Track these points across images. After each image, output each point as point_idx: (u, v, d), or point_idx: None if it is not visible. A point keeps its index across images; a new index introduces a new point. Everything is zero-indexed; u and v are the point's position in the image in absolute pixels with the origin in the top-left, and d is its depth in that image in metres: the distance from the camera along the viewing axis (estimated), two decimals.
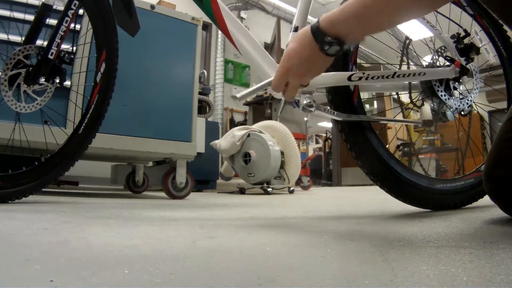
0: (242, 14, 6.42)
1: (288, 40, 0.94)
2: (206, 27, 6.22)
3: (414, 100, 1.12)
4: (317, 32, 0.68)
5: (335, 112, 1.03)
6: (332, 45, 0.68)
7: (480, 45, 1.19)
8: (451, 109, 1.09)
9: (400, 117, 2.43)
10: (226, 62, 6.33)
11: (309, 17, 1.03)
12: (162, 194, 2.23)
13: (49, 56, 1.17)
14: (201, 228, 0.79)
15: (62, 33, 1.18)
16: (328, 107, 1.04)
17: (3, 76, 1.12)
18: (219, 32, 6.19)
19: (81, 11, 1.65)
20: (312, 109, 0.95)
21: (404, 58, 1.20)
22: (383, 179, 1.08)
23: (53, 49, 1.17)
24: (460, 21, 1.14)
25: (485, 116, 7.32)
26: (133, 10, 1.31)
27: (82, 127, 1.29)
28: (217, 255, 0.53)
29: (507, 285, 0.37)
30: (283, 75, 0.75)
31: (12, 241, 0.59)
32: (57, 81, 1.22)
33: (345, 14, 0.66)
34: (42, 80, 1.20)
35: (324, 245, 0.61)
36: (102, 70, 1.34)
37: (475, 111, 1.23)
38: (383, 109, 5.91)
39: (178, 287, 0.38)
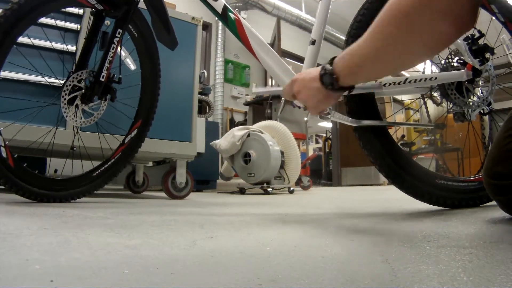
0: (242, 14, 6.39)
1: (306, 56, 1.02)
2: (206, 27, 6.21)
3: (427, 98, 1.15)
4: (325, 73, 0.77)
5: (350, 119, 1.10)
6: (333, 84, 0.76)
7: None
8: (471, 109, 1.11)
9: (399, 115, 2.44)
10: (226, 62, 6.32)
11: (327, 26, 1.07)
12: (162, 194, 2.23)
13: (101, 79, 1.32)
14: (201, 228, 0.79)
15: (110, 59, 1.33)
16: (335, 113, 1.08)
17: (63, 96, 1.27)
18: (219, 32, 6.22)
19: (81, 11, 1.66)
20: (329, 116, 1.01)
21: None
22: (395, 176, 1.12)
23: (104, 73, 1.32)
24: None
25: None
26: (170, 27, 1.45)
27: (98, 171, 1.44)
28: (217, 255, 0.53)
29: (507, 285, 0.37)
30: (290, 90, 0.88)
31: (12, 241, 0.59)
32: (109, 98, 1.39)
33: (343, 63, 0.74)
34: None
35: (324, 245, 0.61)
36: (132, 134, 1.55)
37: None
38: (383, 109, 5.92)
39: (178, 287, 0.38)
